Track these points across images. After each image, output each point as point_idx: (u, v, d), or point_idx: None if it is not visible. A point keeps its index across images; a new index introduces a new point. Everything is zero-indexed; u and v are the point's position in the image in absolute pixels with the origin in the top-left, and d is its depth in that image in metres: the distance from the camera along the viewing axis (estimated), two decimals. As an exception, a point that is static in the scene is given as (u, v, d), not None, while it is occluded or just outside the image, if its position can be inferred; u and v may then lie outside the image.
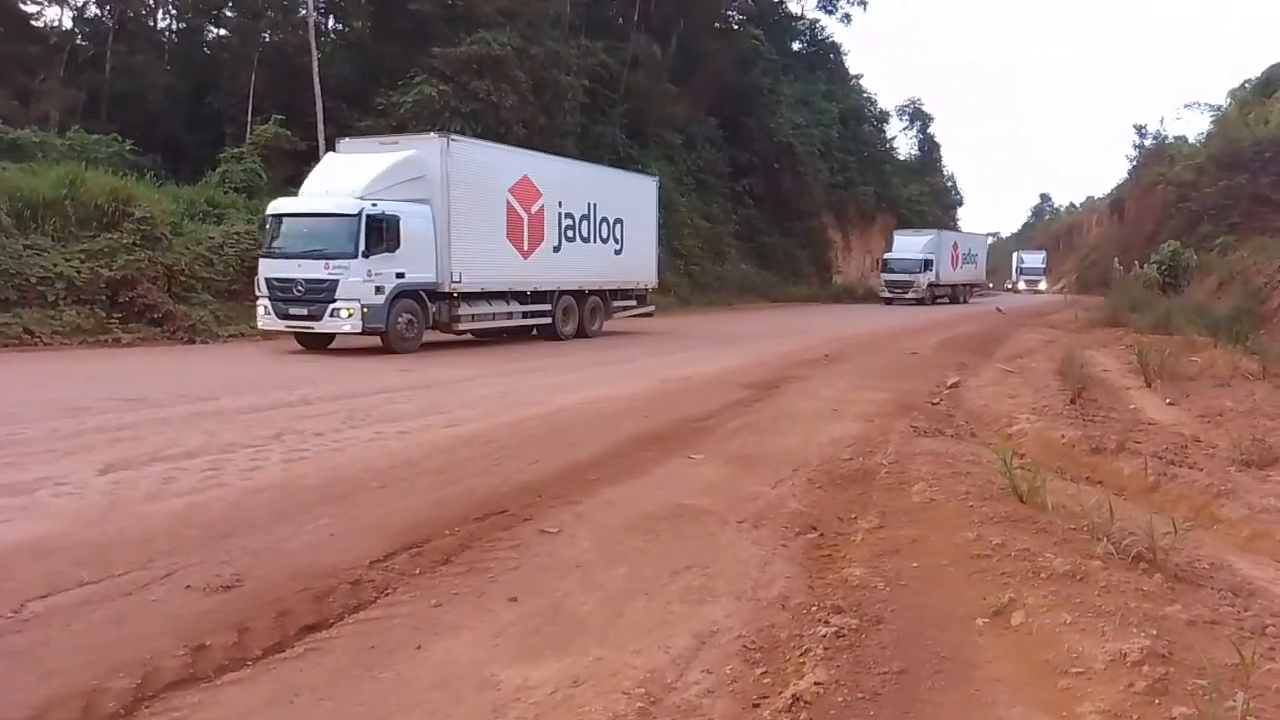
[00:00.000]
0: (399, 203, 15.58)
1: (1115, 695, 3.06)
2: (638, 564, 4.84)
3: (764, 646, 3.78)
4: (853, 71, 63.07)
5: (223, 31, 32.98)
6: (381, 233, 15.02)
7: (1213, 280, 29.92)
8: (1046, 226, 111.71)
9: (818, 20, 57.48)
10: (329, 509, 5.72)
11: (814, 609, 4.13)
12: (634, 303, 22.87)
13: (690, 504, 6.06)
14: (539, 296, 19.08)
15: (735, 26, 45.59)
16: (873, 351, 17.78)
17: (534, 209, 18.87)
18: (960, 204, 79.74)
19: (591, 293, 20.92)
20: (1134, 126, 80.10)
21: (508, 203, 18.19)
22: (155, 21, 32.27)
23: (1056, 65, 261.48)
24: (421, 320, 16.30)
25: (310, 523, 5.42)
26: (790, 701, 3.16)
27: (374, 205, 15.08)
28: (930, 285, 43.91)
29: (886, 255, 46.08)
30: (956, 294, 47.94)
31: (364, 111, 27.78)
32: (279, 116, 25.58)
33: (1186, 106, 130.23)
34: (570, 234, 20.17)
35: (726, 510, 5.91)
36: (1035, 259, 79.36)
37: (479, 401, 10.23)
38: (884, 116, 65.91)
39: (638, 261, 22.86)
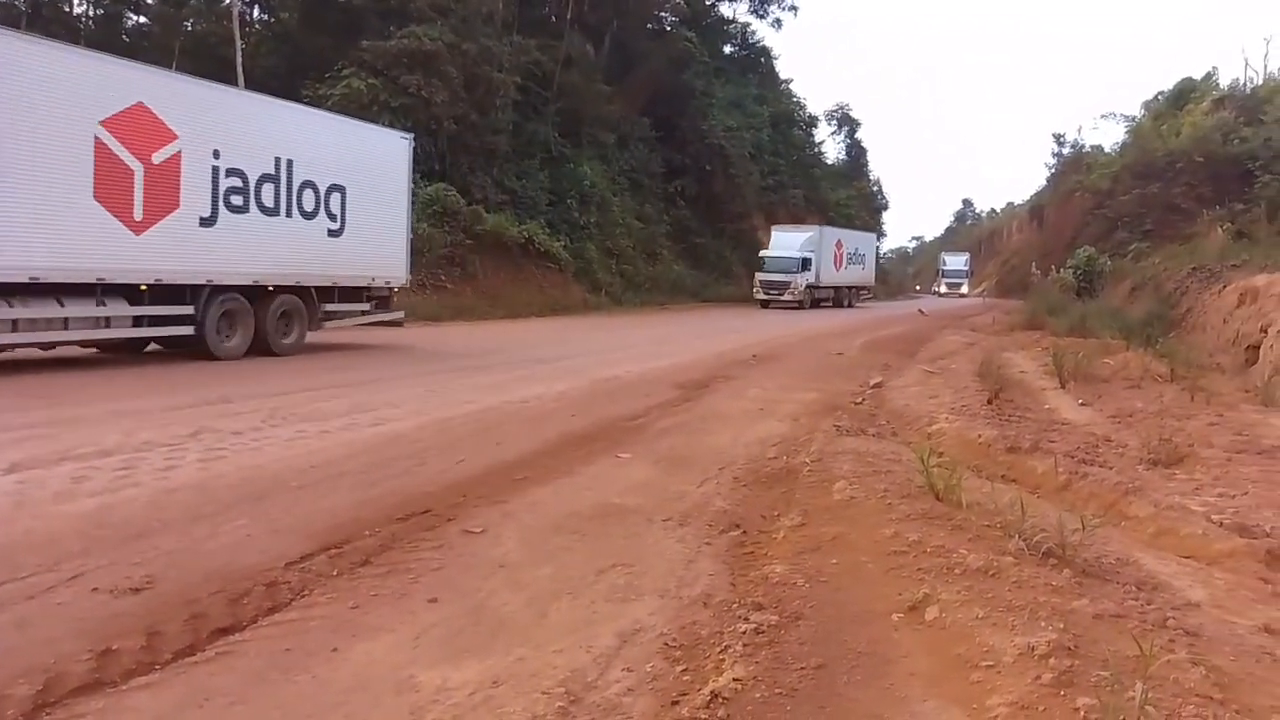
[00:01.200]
0: None
1: (1023, 688, 3.15)
2: (563, 564, 4.84)
3: (685, 644, 3.81)
4: (783, 76, 63.86)
5: (143, 19, 32.02)
6: None
7: (1126, 285, 30.93)
8: (969, 231, 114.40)
9: (749, 24, 58.10)
10: (246, 509, 5.59)
11: (735, 606, 4.17)
12: (367, 307, 16.99)
13: (617, 503, 6.07)
14: (169, 294, 12.96)
15: (668, 28, 45.80)
16: (798, 353, 18.00)
17: (158, 157, 12.59)
18: (886, 208, 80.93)
19: (282, 291, 14.74)
20: (1053, 135, 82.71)
21: (98, 142, 11.86)
22: (71, 7, 31.18)
23: (979, 73, 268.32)
24: None
25: (227, 523, 5.30)
26: (709, 698, 3.19)
27: None
28: (809, 287, 40.58)
29: (763, 253, 41.75)
30: (840, 297, 45.33)
31: (290, 104, 27.20)
32: (201, 107, 24.89)
33: (1103, 117, 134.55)
34: (238, 201, 13.85)
35: (653, 509, 5.93)
36: (958, 260, 78.17)
37: (406, 400, 10.09)
38: (813, 121, 66.80)
39: (372, 249, 16.62)
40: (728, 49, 56.91)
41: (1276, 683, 3.40)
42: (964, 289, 72.98)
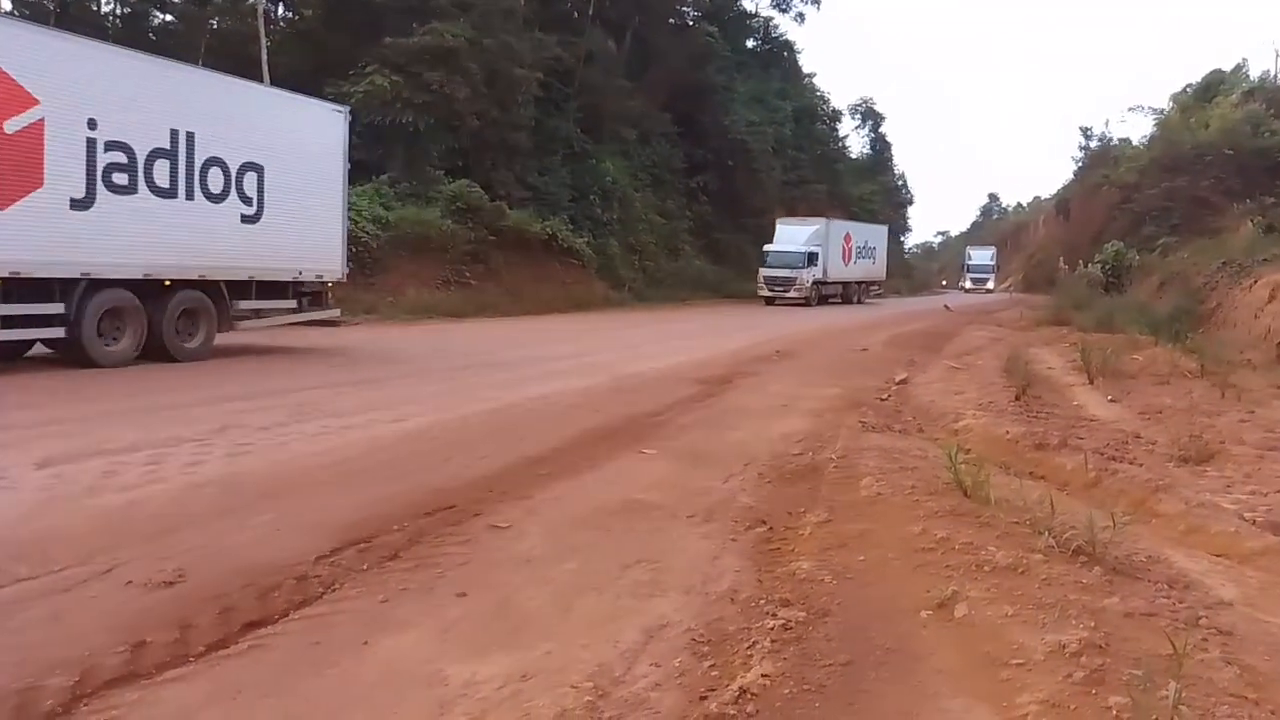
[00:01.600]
0: None
1: (1054, 686, 3.12)
2: (588, 559, 4.84)
3: (712, 640, 3.81)
4: (806, 70, 63.54)
5: (169, 18, 32.30)
6: None
7: (1154, 280, 30.63)
8: (994, 226, 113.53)
9: (771, 19, 57.81)
10: (274, 504, 5.64)
11: (762, 602, 4.16)
12: (293, 304, 14.99)
13: (641, 499, 6.07)
14: (33, 289, 11.02)
15: (690, 23, 45.65)
16: (821, 349, 17.93)
17: (12, 125, 10.59)
18: (910, 203, 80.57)
19: (183, 285, 12.80)
20: (1079, 129, 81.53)
21: None
22: (99, 6, 31.48)
23: (1005, 66, 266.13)
24: None
25: (255, 518, 5.34)
26: (737, 694, 3.18)
27: None
28: (816, 283, 38.61)
29: (767, 247, 39.14)
30: (849, 293, 43.16)
31: (314, 101, 27.39)
32: (226, 106, 25.11)
33: (1130, 110, 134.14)
34: (122, 180, 11.84)
35: (677, 505, 5.93)
36: (984, 255, 75.41)
37: (429, 396, 10.13)
38: (836, 115, 66.51)
39: (298, 238, 14.56)
40: (750, 43, 56.70)
41: (1313, 683, 3.35)
42: (990, 284, 70.42)
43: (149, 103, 12.22)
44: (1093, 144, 71.81)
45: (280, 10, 33.62)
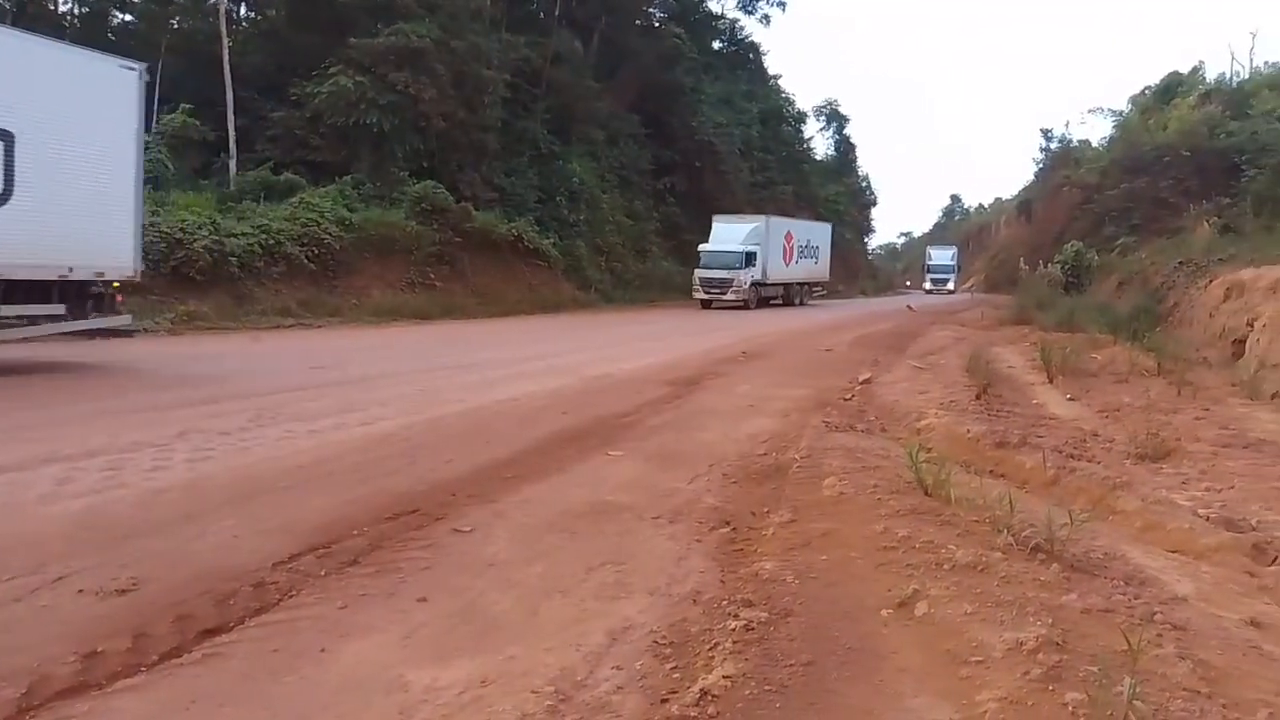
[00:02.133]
0: None
1: (1012, 683, 3.16)
2: (554, 562, 4.83)
3: (675, 641, 3.81)
4: (772, 72, 63.77)
5: (129, 17, 31.79)
6: None
7: (1114, 280, 31.06)
8: (957, 227, 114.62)
9: (738, 20, 58.01)
10: (234, 510, 5.57)
11: (725, 603, 4.17)
12: (60, 309, 11.86)
13: (609, 500, 6.08)
14: None
15: (657, 24, 45.73)
16: (787, 350, 18.01)
17: None
18: (875, 204, 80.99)
19: None
20: (1041, 130, 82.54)
21: None
22: (57, 5, 30.92)
23: (967, 69, 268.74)
24: None
25: (214, 524, 5.28)
26: (699, 696, 3.18)
27: None
28: (755, 284, 35.92)
29: (701, 247, 36.31)
30: (790, 294, 40.60)
31: (278, 102, 27.16)
32: (188, 106, 24.84)
33: (1091, 111, 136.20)
34: None
35: (644, 507, 5.94)
36: (944, 255, 72.29)
37: (395, 399, 10.05)
38: (802, 117, 66.74)
39: (68, 226, 11.56)
40: (716, 45, 56.85)
41: (1263, 676, 3.42)
42: (950, 285, 67.52)
43: None
44: (1054, 145, 72.79)
45: (243, 10, 33.22)
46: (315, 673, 3.52)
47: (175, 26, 29.43)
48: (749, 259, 35.57)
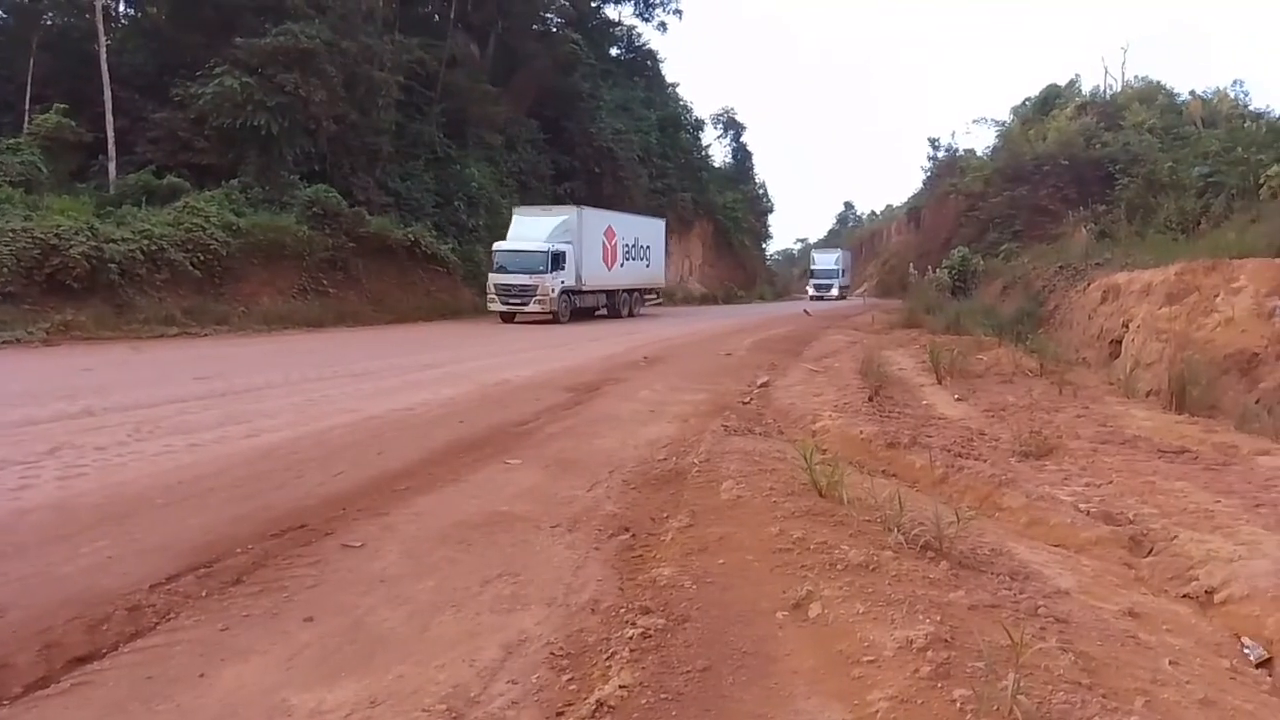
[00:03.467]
0: None
1: (902, 682, 3.21)
2: (447, 575, 4.72)
3: (572, 653, 3.76)
4: (670, 80, 64.42)
5: (-3, 13, 30.01)
6: None
7: (999, 284, 32.21)
8: (851, 233, 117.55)
9: (635, 28, 58.44)
10: (109, 529, 5.29)
11: (623, 611, 4.13)
12: None
13: (505, 510, 5.98)
14: None
15: (554, 30, 45.58)
16: (689, 354, 18.13)
17: None
18: (772, 210, 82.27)
19: None
20: (928, 140, 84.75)
21: None
22: (-83, -2, 29.03)
23: (860, 78, 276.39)
24: None
25: (87, 545, 5.00)
26: (595, 707, 3.14)
27: None
28: (566, 292, 28.70)
29: (496, 245, 28.83)
30: (615, 303, 33.04)
31: (160, 102, 25.99)
32: (62, 106, 23.61)
33: (975, 122, 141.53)
34: None
35: (541, 515, 5.86)
36: (828, 259, 67.10)
37: (283, 410, 9.70)
38: (700, 125, 67.49)
39: None
40: (614, 52, 57.10)
41: (1140, 665, 3.56)
42: (834, 290, 61.75)
43: None
44: (941, 154, 75.30)
45: (122, 7, 31.71)
46: (192, 700, 3.35)
47: (48, 23, 27.89)
48: (557, 260, 28.22)
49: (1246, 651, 4.25)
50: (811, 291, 62.43)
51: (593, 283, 30.73)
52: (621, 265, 33.70)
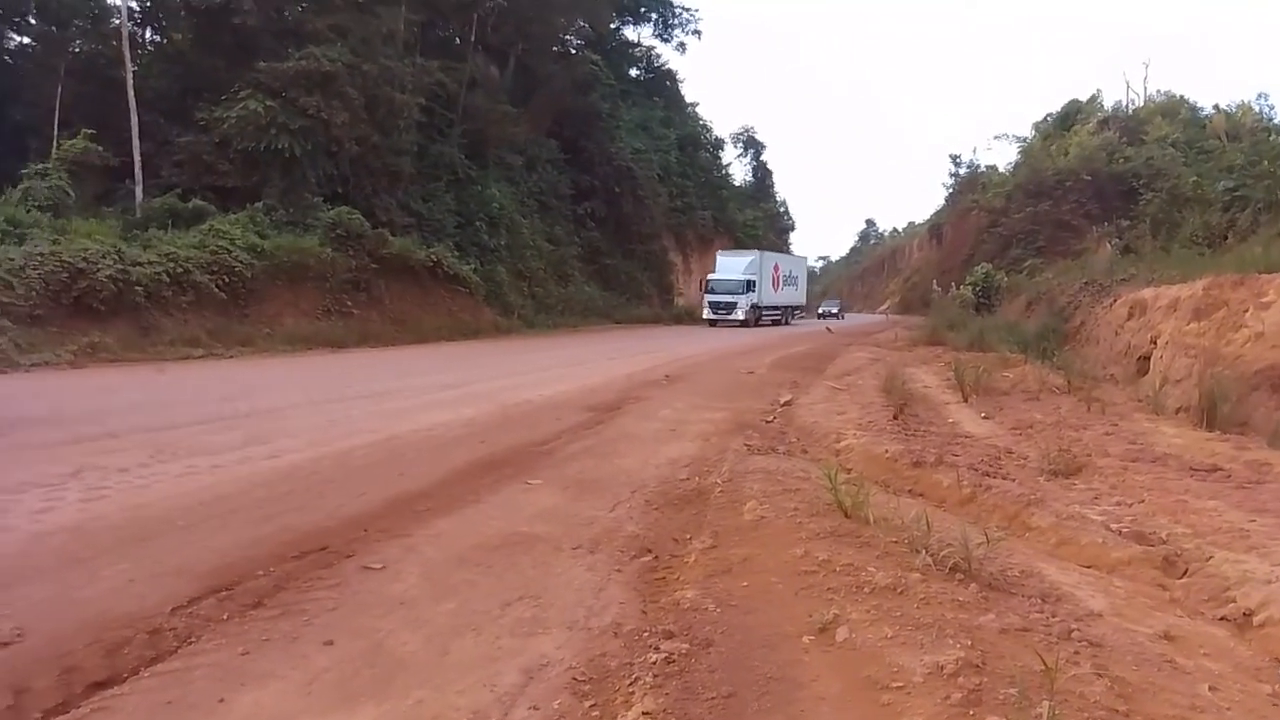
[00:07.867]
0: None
1: (932, 708, 3.13)
2: (467, 598, 4.67)
3: (594, 678, 3.70)
4: (689, 99, 64.77)
5: (25, 40, 30.53)
6: None
7: (1022, 300, 31.98)
8: (872, 250, 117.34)
9: (654, 48, 58.86)
10: (129, 552, 5.27)
11: (646, 635, 4.07)
12: None
13: (525, 531, 5.92)
14: None
15: (573, 51, 45.93)
16: (709, 372, 18.06)
17: None
18: (793, 228, 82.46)
19: None
20: (950, 156, 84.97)
21: None
22: (-54, 28, 29.59)
23: (881, 95, 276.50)
24: None
25: (107, 568, 4.98)
26: (617, 735, 3.08)
27: None
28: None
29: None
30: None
31: (184, 126, 26.31)
32: (89, 131, 23.93)
33: (996, 138, 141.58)
34: None
35: (562, 537, 5.81)
36: (735, 264, 45.95)
37: (305, 430, 9.72)
38: (719, 143, 67.84)
39: None
40: (633, 72, 57.52)
41: (1176, 690, 3.45)
42: (741, 314, 43.12)
43: None
44: (963, 171, 75.26)
45: (148, 34, 32.19)
46: (210, 726, 3.31)
47: (75, 50, 28.35)
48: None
49: (1287, 676, 4.12)
50: (708, 313, 43.83)
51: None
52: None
